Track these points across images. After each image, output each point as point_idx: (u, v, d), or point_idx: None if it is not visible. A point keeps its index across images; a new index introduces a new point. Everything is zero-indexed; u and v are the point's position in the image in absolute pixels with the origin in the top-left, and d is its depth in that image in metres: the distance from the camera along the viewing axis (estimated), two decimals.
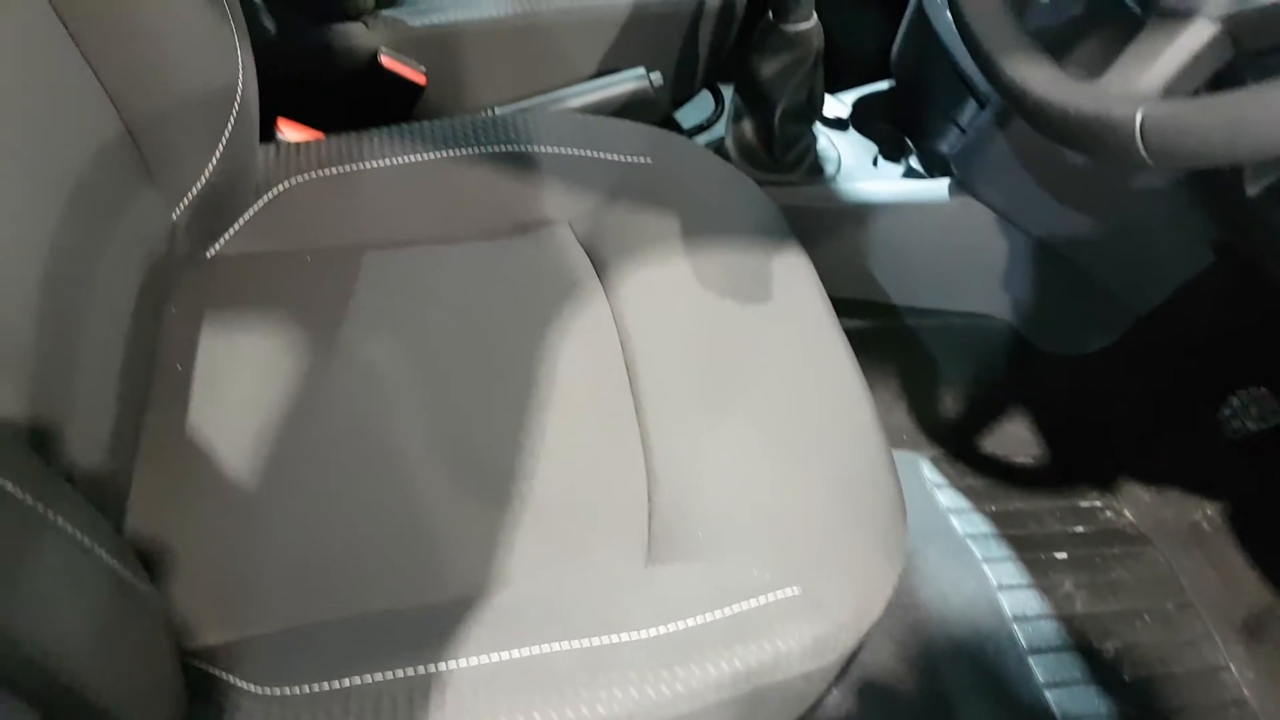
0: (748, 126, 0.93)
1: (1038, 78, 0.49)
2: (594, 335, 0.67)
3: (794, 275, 0.71)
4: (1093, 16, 0.57)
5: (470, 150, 0.75)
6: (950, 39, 0.94)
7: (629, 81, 0.86)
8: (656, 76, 0.86)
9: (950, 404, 1.06)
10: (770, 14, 0.85)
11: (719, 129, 1.10)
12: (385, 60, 0.85)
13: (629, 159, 0.77)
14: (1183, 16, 0.46)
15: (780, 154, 0.93)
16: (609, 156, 0.77)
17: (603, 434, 0.62)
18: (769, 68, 0.87)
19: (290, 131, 0.77)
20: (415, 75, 0.87)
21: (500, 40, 0.89)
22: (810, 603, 0.53)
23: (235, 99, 0.66)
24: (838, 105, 1.02)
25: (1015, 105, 0.50)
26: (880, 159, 1.01)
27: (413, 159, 0.75)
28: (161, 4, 0.60)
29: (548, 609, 0.52)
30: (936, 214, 0.93)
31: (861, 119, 1.03)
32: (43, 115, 0.54)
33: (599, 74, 0.94)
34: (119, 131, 0.60)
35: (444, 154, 0.75)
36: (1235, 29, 0.46)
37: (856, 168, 0.97)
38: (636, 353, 0.66)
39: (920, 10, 0.99)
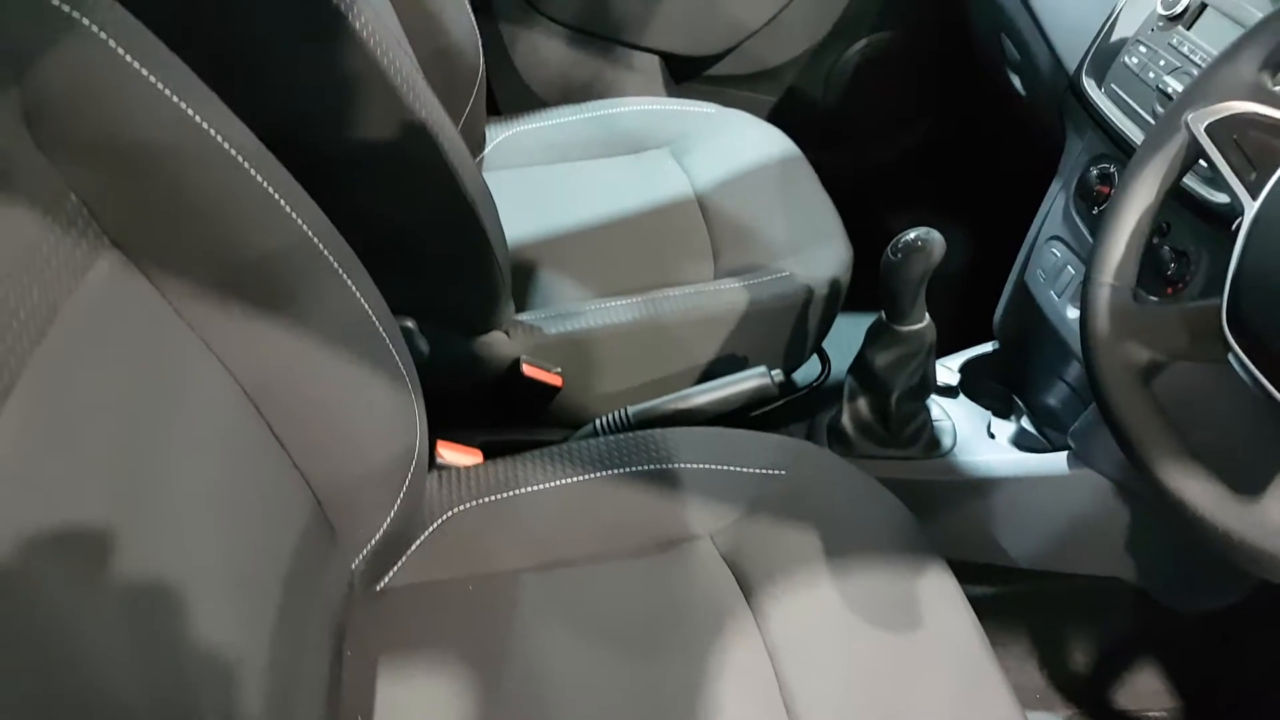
0: (863, 406, 0.97)
1: (1195, 491, 0.51)
2: (749, 672, 0.69)
3: (939, 595, 0.73)
4: (1233, 405, 0.60)
5: (615, 470, 0.80)
6: (1051, 312, 0.98)
7: (752, 379, 0.91)
8: (777, 373, 0.92)
9: (1081, 661, 1.05)
10: (884, 315, 0.90)
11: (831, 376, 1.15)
12: (526, 369, 0.92)
13: (764, 471, 0.81)
14: None
15: (897, 431, 0.97)
16: (745, 470, 0.81)
17: None
18: (883, 360, 0.92)
19: (448, 453, 0.84)
20: (552, 379, 0.93)
21: (628, 342, 0.96)
22: None
23: (414, 456, 0.72)
24: (945, 372, 1.06)
25: (1172, 509, 0.53)
26: (993, 422, 1.04)
27: (563, 482, 0.80)
28: (351, 388, 0.66)
29: None
30: (1057, 486, 0.95)
31: (970, 381, 1.07)
32: (248, 509, 0.59)
33: (719, 361, 1.00)
34: (313, 508, 0.66)
35: (592, 475, 0.80)
36: None
37: (972, 437, 1.00)
38: (795, 695, 0.67)
39: (1021, 281, 1.04)
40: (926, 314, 0.90)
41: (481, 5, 1.24)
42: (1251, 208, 0.56)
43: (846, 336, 1.12)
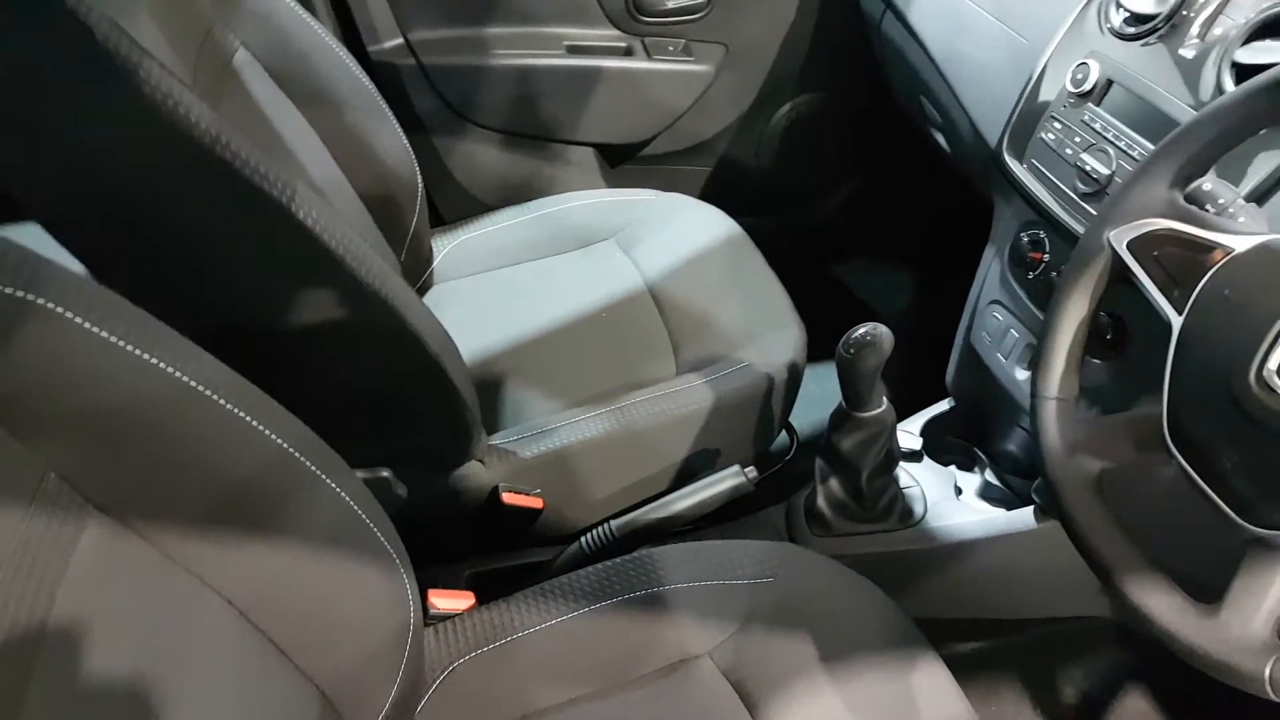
0: (835, 486, 1.00)
1: (1159, 606, 0.55)
2: None
3: (932, 686, 0.76)
4: (1188, 509, 0.64)
5: (608, 601, 0.82)
6: (1001, 373, 1.02)
7: (728, 480, 0.94)
8: (751, 471, 0.94)
9: (1071, 696, 1.09)
10: (844, 403, 0.93)
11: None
12: (506, 497, 0.93)
13: (754, 581, 0.83)
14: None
15: (870, 506, 1.00)
16: (733, 582, 0.83)
17: None
18: (848, 443, 0.95)
19: (441, 602, 0.84)
20: (533, 502, 0.95)
21: (602, 453, 0.98)
22: None
23: (410, 628, 0.73)
24: (907, 436, 1.10)
25: (1138, 626, 0.56)
26: (959, 477, 1.07)
27: (559, 620, 0.82)
28: (344, 584, 0.66)
29: None
30: (1028, 540, 0.99)
31: (931, 441, 1.10)
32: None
33: (692, 458, 1.02)
34: (320, 702, 0.66)
35: (586, 609, 0.82)
36: None
37: (942, 500, 1.04)
38: None
39: (968, 343, 1.08)
40: (885, 398, 0.93)
41: (413, 123, 1.25)
42: (1177, 322, 0.59)
43: (806, 390, 1.14)
